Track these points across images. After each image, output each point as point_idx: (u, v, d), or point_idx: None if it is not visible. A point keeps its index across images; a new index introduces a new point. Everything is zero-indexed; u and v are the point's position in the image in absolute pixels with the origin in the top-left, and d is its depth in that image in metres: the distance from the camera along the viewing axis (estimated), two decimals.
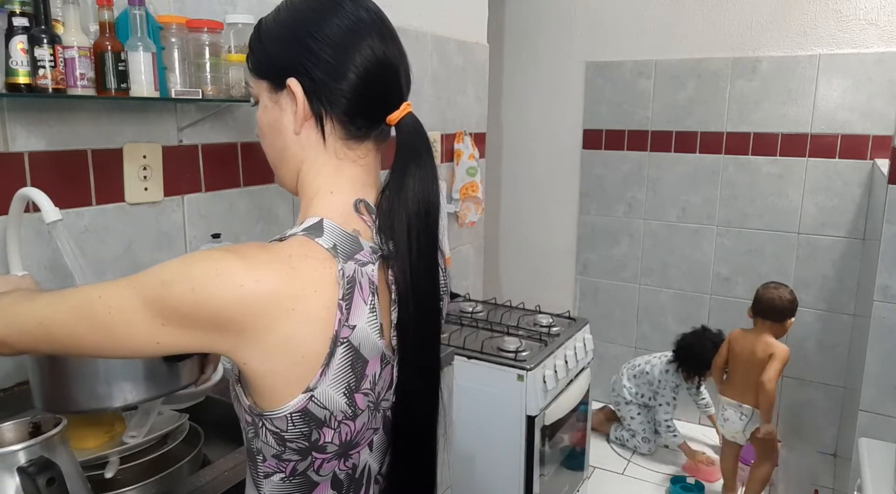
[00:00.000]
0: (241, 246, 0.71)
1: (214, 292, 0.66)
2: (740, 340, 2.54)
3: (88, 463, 1.03)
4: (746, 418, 2.48)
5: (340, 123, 0.76)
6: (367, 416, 0.76)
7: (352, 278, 0.71)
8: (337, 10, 0.75)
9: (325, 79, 0.74)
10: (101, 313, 0.69)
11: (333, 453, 0.75)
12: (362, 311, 0.72)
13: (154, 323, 0.67)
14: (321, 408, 0.71)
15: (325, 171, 0.78)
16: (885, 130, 2.72)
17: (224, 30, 1.48)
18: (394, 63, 0.76)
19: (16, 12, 1.11)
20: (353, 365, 0.72)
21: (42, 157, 1.30)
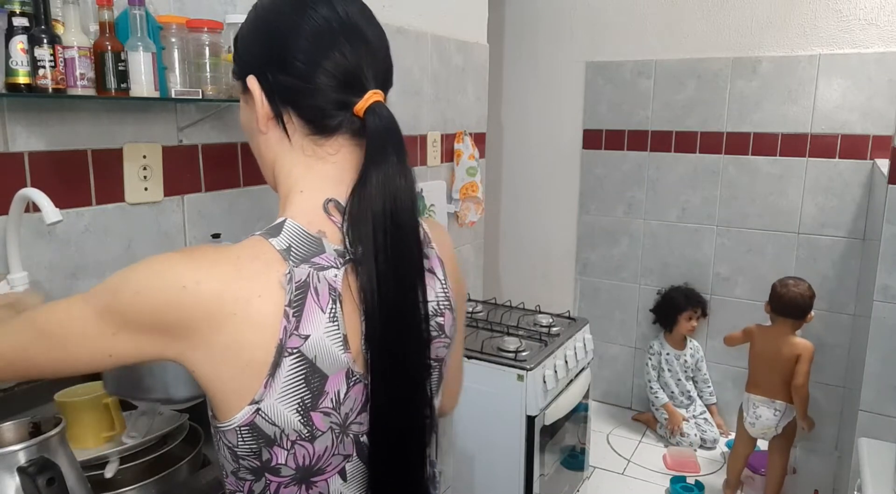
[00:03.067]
0: (194, 247, 0.70)
1: (157, 293, 0.64)
2: (761, 337, 2.56)
3: (88, 463, 1.03)
4: (780, 413, 2.50)
5: (302, 120, 0.72)
6: (332, 439, 0.69)
7: (303, 283, 0.66)
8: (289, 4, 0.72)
9: (277, 74, 0.71)
10: (54, 331, 0.68)
11: (290, 477, 0.69)
12: (318, 319, 0.66)
13: (106, 333, 0.65)
14: (270, 424, 0.66)
15: (296, 170, 0.75)
16: (885, 130, 2.72)
17: (224, 30, 1.48)
18: (354, 49, 0.70)
19: (16, 12, 1.11)
20: (308, 379, 0.66)
21: (42, 157, 1.30)
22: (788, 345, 2.47)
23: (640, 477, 2.84)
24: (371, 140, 0.71)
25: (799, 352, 2.44)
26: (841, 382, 2.92)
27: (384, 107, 0.71)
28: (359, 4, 0.74)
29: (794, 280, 2.55)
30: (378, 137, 0.71)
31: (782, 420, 2.50)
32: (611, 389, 3.50)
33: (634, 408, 3.44)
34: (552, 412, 2.14)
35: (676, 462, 2.90)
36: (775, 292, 2.54)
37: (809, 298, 2.49)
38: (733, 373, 3.17)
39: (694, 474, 2.82)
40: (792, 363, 2.45)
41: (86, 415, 1.12)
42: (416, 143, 2.44)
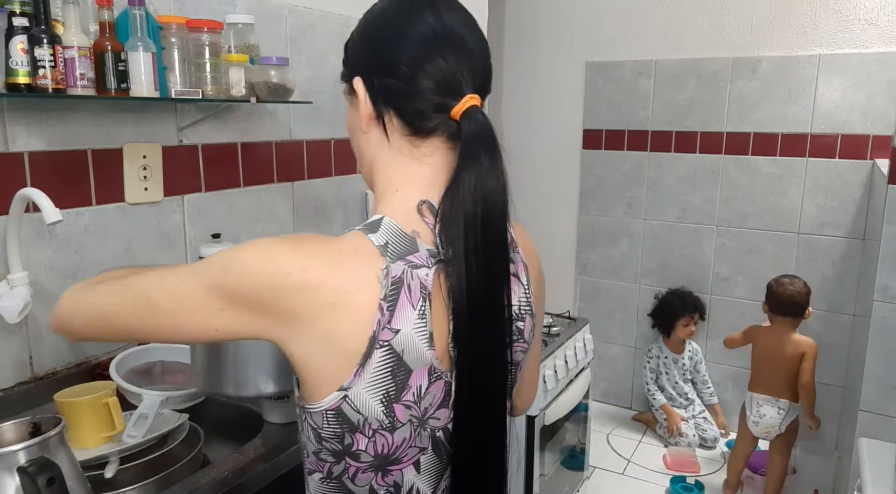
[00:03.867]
0: (300, 236, 0.73)
1: (264, 276, 0.67)
2: (763, 337, 2.56)
3: (88, 463, 1.04)
4: (784, 411, 2.50)
5: (401, 120, 0.74)
6: (410, 432, 0.72)
7: (398, 279, 0.68)
8: (396, 8, 0.76)
9: (382, 77, 0.74)
10: (164, 301, 0.71)
11: (368, 464, 0.72)
12: (409, 315, 0.69)
13: (214, 309, 0.69)
14: (355, 412, 0.69)
15: (392, 169, 0.77)
16: (885, 130, 2.72)
17: (224, 30, 1.48)
18: (455, 55, 0.72)
19: (16, 12, 1.11)
20: (394, 372, 0.69)
21: (42, 157, 1.30)
22: (792, 344, 2.47)
23: (640, 477, 2.84)
24: (465, 143, 0.72)
25: (803, 350, 2.45)
26: (841, 382, 2.92)
27: (480, 111, 0.73)
28: (462, 13, 0.76)
29: (789, 278, 2.55)
30: (472, 141, 0.72)
31: (786, 419, 2.50)
32: (611, 389, 3.50)
33: (634, 408, 3.44)
34: (552, 412, 2.14)
35: (676, 462, 2.90)
36: (772, 291, 2.54)
37: (806, 295, 2.50)
38: (733, 373, 3.18)
39: (694, 474, 2.82)
40: (796, 361, 2.45)
41: (86, 415, 1.12)
42: None
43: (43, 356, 1.34)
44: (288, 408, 1.25)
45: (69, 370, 1.38)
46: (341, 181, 2.09)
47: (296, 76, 1.64)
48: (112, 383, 1.19)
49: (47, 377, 1.34)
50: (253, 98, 1.51)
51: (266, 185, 1.81)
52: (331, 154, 2.03)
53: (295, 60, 1.81)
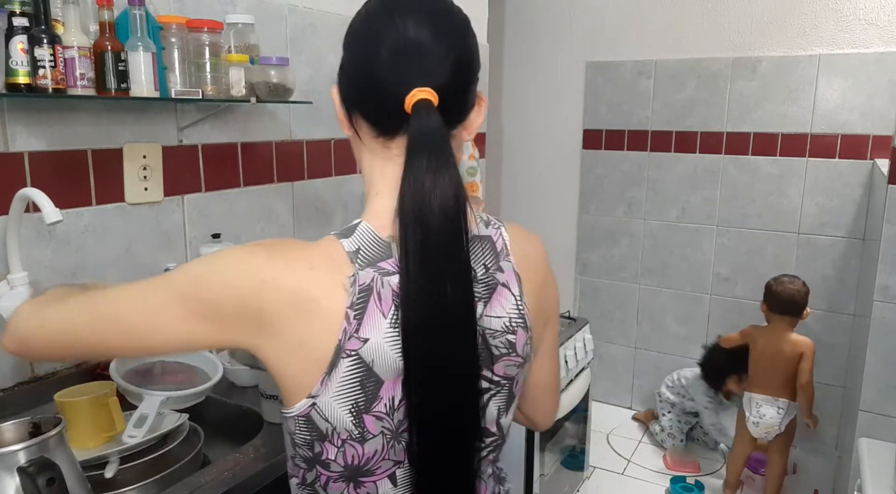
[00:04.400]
0: (274, 242, 0.72)
1: (238, 286, 0.67)
2: (761, 337, 2.55)
3: (88, 463, 1.03)
4: (783, 411, 2.49)
5: (367, 122, 0.73)
6: (382, 444, 0.70)
7: (367, 287, 0.67)
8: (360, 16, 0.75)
9: (344, 80, 0.75)
10: (133, 315, 0.70)
11: (339, 474, 0.71)
12: (379, 324, 0.67)
13: (186, 320, 0.68)
14: (323, 420, 0.68)
15: (372, 171, 0.76)
16: (885, 130, 2.72)
17: (224, 30, 1.48)
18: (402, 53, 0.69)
19: (16, 12, 1.11)
20: (363, 383, 0.67)
21: (42, 157, 1.30)
22: (790, 343, 2.47)
23: (640, 477, 2.84)
24: (408, 141, 0.68)
25: (802, 350, 2.44)
26: (841, 382, 2.92)
27: (428, 107, 0.68)
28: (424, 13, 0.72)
29: (788, 277, 2.55)
30: (412, 138, 0.68)
31: (785, 419, 2.50)
32: (611, 389, 3.50)
33: (634, 408, 3.44)
34: None
35: (676, 462, 2.90)
36: (771, 290, 2.54)
37: (805, 294, 2.50)
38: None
39: (694, 474, 2.82)
40: (794, 361, 2.45)
41: (86, 415, 1.12)
42: None
43: None
44: None
45: (69, 370, 1.37)
46: (341, 181, 2.09)
47: (296, 76, 1.64)
48: (112, 383, 1.19)
49: (47, 377, 1.34)
50: (253, 98, 1.51)
51: (266, 185, 1.81)
52: (331, 154, 2.03)
53: (295, 60, 1.81)
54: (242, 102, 1.50)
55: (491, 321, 0.74)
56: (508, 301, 0.75)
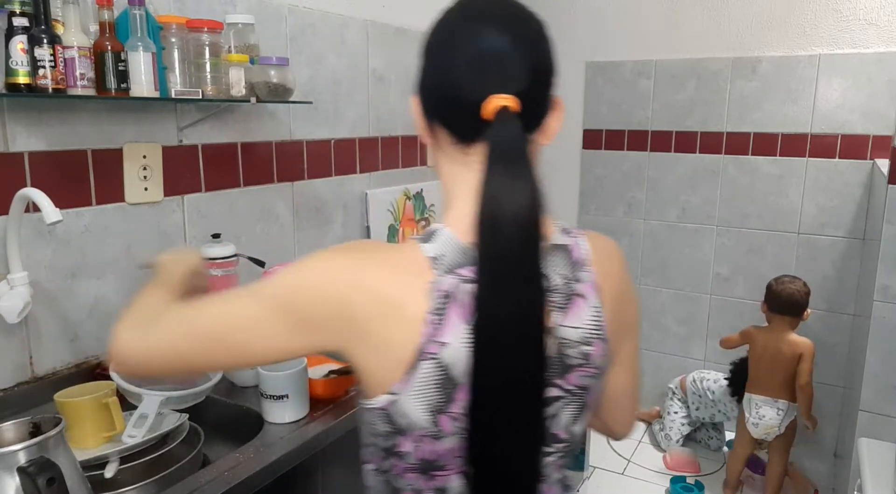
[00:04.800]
0: (361, 246, 0.75)
1: (332, 293, 0.69)
2: (760, 338, 2.55)
3: (88, 463, 1.04)
4: (783, 412, 2.49)
5: (446, 130, 0.75)
6: (458, 443, 0.71)
7: (448, 293, 0.68)
8: (437, 26, 0.76)
9: (422, 89, 0.76)
10: (236, 332, 0.72)
11: (413, 466, 0.74)
12: (458, 330, 0.68)
13: (285, 332, 0.71)
14: (401, 416, 0.70)
15: (451, 178, 0.77)
16: (885, 130, 2.72)
17: (224, 30, 1.48)
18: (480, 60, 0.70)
19: (16, 12, 1.12)
20: (442, 385, 0.68)
21: (42, 157, 1.30)
22: (789, 344, 2.47)
23: (640, 477, 2.84)
24: (488, 147, 0.69)
25: (801, 351, 2.45)
26: (841, 382, 2.92)
27: (507, 111, 0.68)
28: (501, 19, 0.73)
29: (789, 278, 2.56)
30: (492, 145, 0.69)
31: (785, 419, 2.50)
32: None
33: None
34: None
35: (676, 463, 2.90)
36: (772, 290, 2.54)
37: (806, 294, 2.50)
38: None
39: (694, 474, 2.82)
40: (794, 362, 2.45)
41: (86, 415, 1.12)
42: (416, 143, 2.44)
43: (43, 356, 1.34)
44: (288, 408, 1.25)
45: (69, 370, 1.38)
46: (341, 181, 2.09)
47: (296, 76, 1.64)
48: (112, 383, 1.19)
49: (47, 377, 1.34)
50: (253, 98, 1.51)
51: (266, 185, 1.81)
52: (331, 154, 2.03)
53: (295, 60, 1.81)
54: (242, 102, 1.50)
55: (567, 331, 0.73)
56: (586, 312, 0.75)
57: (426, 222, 2.45)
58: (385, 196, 2.24)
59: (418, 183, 2.42)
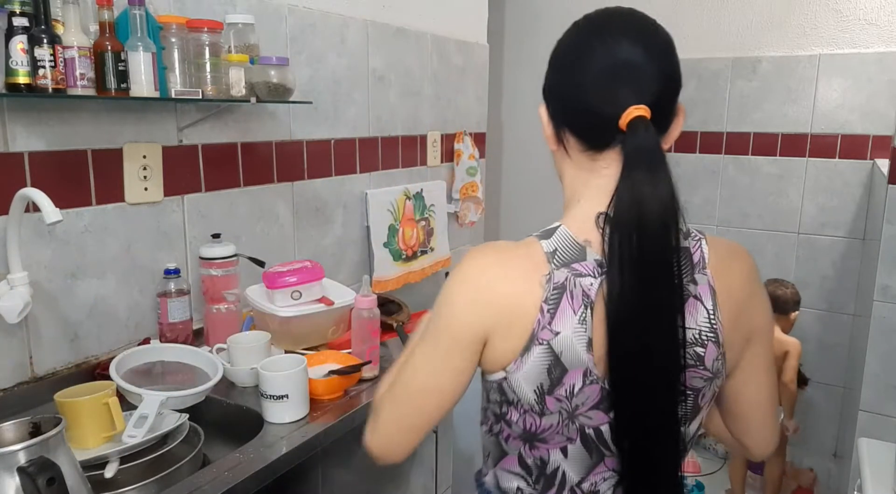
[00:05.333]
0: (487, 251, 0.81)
1: (473, 315, 0.78)
2: None
3: (88, 463, 1.03)
4: None
5: (576, 137, 0.80)
6: (558, 421, 0.78)
7: (561, 285, 0.75)
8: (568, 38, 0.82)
9: (555, 101, 0.82)
10: (430, 385, 0.82)
11: (518, 434, 0.82)
12: (569, 320, 0.74)
13: (464, 361, 0.79)
14: (512, 391, 0.79)
15: (575, 182, 0.83)
16: (885, 130, 2.72)
17: (224, 30, 1.48)
18: (617, 74, 0.75)
19: (16, 12, 1.11)
20: (550, 369, 0.75)
21: (42, 157, 1.30)
22: (777, 342, 2.46)
23: None
24: (626, 156, 0.74)
25: (787, 349, 2.45)
26: (841, 382, 2.92)
27: (643, 121, 0.73)
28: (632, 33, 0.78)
29: (777, 281, 2.60)
30: (631, 151, 0.73)
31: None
32: None
33: None
34: None
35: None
36: None
37: (792, 294, 2.53)
38: None
39: (694, 474, 2.81)
40: (780, 360, 2.46)
41: (86, 415, 1.12)
42: (416, 143, 2.44)
43: (43, 356, 1.34)
44: (288, 408, 1.25)
45: (69, 370, 1.38)
46: (341, 181, 2.09)
47: (296, 76, 1.64)
48: (112, 383, 1.19)
49: (47, 377, 1.34)
50: (253, 98, 1.51)
51: (266, 185, 1.81)
52: (331, 154, 2.03)
53: (295, 60, 1.81)
54: (242, 102, 1.50)
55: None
56: (700, 314, 0.78)
57: (426, 222, 2.45)
58: (385, 196, 2.24)
59: (418, 183, 2.42)
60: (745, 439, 0.92)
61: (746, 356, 0.85)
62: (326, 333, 1.59)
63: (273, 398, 1.24)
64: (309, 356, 1.42)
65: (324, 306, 1.55)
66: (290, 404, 1.25)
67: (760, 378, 0.88)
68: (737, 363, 0.84)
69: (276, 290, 1.52)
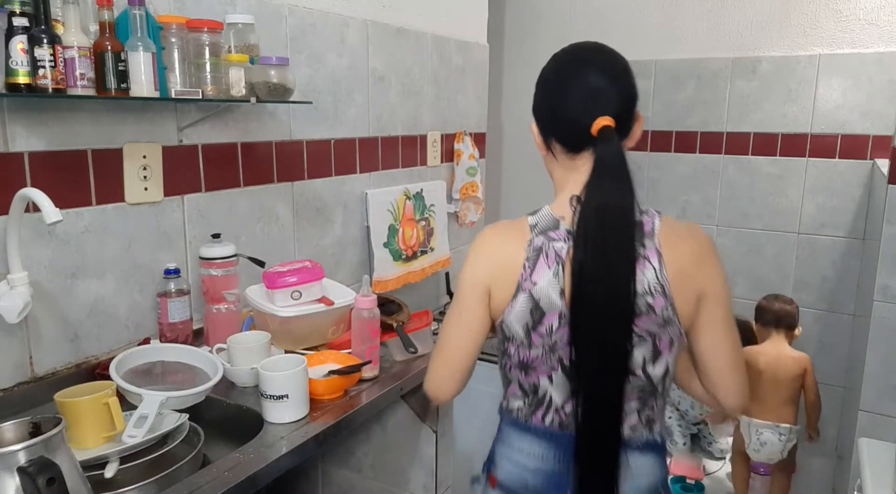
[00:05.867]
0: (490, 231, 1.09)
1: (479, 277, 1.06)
2: (760, 357, 2.45)
3: (88, 463, 1.03)
4: (786, 437, 2.39)
5: (560, 144, 1.06)
6: (542, 353, 1.04)
7: (538, 248, 1.01)
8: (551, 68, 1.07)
9: (543, 116, 1.08)
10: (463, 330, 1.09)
11: (515, 364, 1.08)
12: (545, 273, 1.00)
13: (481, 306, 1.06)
14: (508, 329, 1.05)
15: (560, 176, 1.09)
16: (885, 130, 2.72)
17: (224, 30, 1.48)
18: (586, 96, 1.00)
19: (16, 12, 1.12)
20: (532, 311, 1.02)
21: (42, 157, 1.30)
22: (792, 359, 2.41)
23: None
24: (596, 154, 1.00)
25: (804, 366, 2.40)
26: (841, 382, 2.92)
27: (609, 129, 0.98)
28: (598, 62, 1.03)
29: (776, 296, 2.58)
30: (600, 151, 0.99)
31: (788, 444, 2.41)
32: None
33: None
34: None
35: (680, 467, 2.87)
36: (762, 307, 2.54)
37: (796, 308, 2.50)
38: None
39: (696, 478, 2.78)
40: (797, 378, 2.40)
41: (86, 415, 1.12)
42: (416, 143, 2.44)
43: (43, 356, 1.34)
44: (288, 408, 1.25)
45: (69, 370, 1.38)
46: (341, 181, 2.09)
47: (296, 76, 1.64)
48: (112, 383, 1.19)
49: (47, 377, 1.34)
50: (253, 98, 1.51)
51: (266, 185, 1.81)
52: (331, 154, 2.03)
53: (295, 60, 1.81)
54: (242, 102, 1.50)
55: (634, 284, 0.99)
56: (649, 271, 0.99)
57: (426, 222, 2.45)
58: (385, 196, 2.24)
59: (418, 183, 2.42)
60: (717, 394, 1.09)
61: (703, 316, 1.04)
62: (326, 333, 1.59)
63: (273, 398, 1.24)
64: (309, 356, 1.42)
65: (324, 306, 1.55)
66: (290, 404, 1.25)
67: (720, 336, 1.06)
68: (693, 320, 1.04)
69: (276, 290, 1.52)
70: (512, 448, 1.12)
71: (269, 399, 1.24)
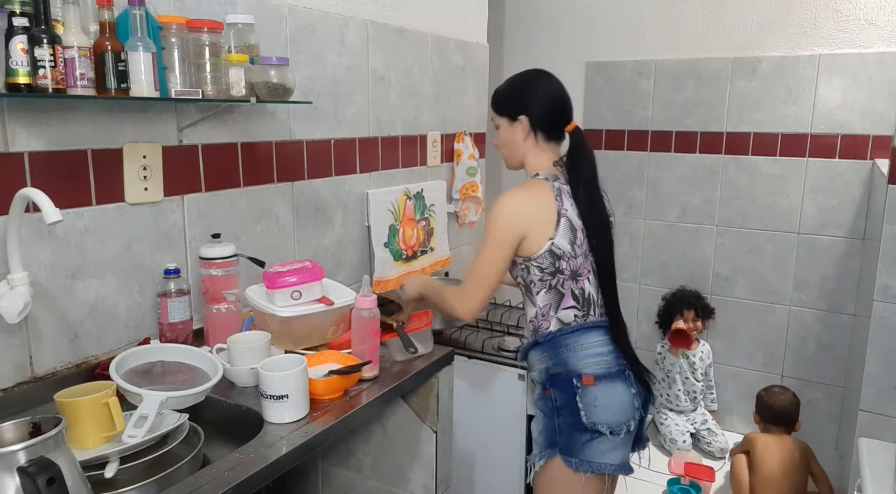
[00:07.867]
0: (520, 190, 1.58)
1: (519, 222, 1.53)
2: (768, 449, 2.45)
3: (88, 463, 1.03)
4: None
5: (544, 134, 1.62)
6: (582, 260, 1.54)
7: (558, 189, 1.54)
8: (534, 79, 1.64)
9: (532, 114, 1.60)
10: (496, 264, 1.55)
11: (568, 275, 1.53)
12: (569, 204, 1.54)
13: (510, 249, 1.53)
14: (559, 249, 1.51)
15: (538, 155, 1.63)
16: (885, 130, 2.72)
17: (224, 30, 1.48)
18: (566, 104, 1.64)
19: (16, 12, 1.11)
20: (571, 229, 1.52)
21: (42, 157, 1.30)
22: (797, 450, 2.42)
23: (639, 477, 2.84)
24: (572, 141, 1.62)
25: (809, 454, 2.43)
26: (841, 382, 2.92)
27: (577, 127, 1.63)
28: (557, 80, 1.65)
29: (779, 388, 2.59)
30: (577, 140, 1.62)
31: None
32: None
33: None
34: None
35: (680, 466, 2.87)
36: (763, 401, 2.56)
37: (796, 405, 2.52)
38: (734, 373, 3.18)
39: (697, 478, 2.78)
40: (802, 467, 2.42)
41: (86, 415, 1.12)
42: (416, 143, 2.44)
43: (43, 356, 1.34)
44: (288, 408, 1.25)
45: (69, 370, 1.38)
46: (341, 181, 2.09)
47: (296, 76, 1.64)
48: (112, 383, 1.19)
49: (47, 377, 1.34)
50: (253, 98, 1.51)
51: (266, 185, 1.81)
52: (331, 154, 2.03)
53: (295, 60, 1.81)
54: (242, 102, 1.50)
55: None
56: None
57: (426, 222, 2.45)
58: (385, 196, 2.24)
59: (418, 183, 2.42)
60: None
61: None
62: (326, 333, 1.59)
63: (273, 398, 1.24)
64: (309, 356, 1.42)
65: (324, 306, 1.55)
66: (290, 404, 1.25)
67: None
68: None
69: (276, 290, 1.52)
70: (585, 348, 1.52)
71: (269, 399, 1.24)
